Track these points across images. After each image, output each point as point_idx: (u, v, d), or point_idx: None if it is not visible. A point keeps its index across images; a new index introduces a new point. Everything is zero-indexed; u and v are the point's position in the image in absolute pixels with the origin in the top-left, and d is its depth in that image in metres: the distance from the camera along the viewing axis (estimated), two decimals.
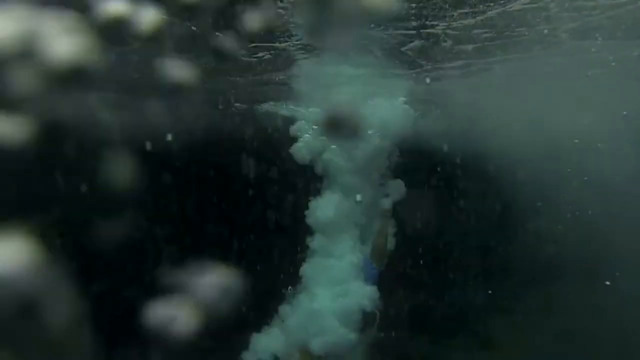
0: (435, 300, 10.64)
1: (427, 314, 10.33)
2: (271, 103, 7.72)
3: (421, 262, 10.02)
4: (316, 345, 4.42)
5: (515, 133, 7.95)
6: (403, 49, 4.78)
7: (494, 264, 12.29)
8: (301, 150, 5.33)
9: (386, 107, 6.38)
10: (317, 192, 5.29)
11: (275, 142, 6.55)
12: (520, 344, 9.51)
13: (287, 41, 4.30)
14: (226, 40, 3.16)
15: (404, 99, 7.08)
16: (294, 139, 5.56)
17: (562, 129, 7.90)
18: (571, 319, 9.42)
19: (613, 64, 5.69)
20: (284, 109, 7.55)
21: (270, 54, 4.51)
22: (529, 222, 10.62)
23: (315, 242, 5.03)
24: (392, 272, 5.86)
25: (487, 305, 11.30)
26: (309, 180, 5.61)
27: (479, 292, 11.69)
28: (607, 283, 8.46)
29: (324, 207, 4.92)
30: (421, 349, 9.50)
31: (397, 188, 5.80)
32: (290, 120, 6.31)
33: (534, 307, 10.87)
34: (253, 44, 4.32)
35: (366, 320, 4.71)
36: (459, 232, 11.43)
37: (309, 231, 5.17)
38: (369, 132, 5.53)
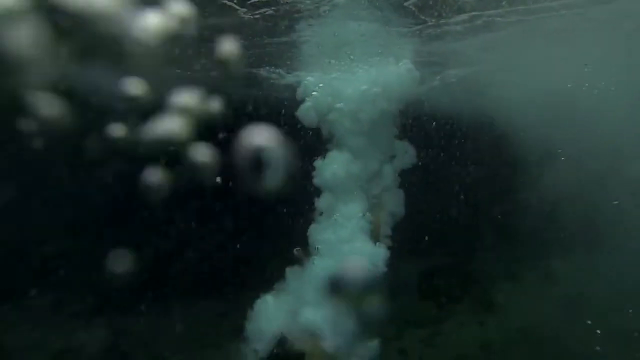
0: (442, 267, 10.70)
1: (434, 280, 10.41)
2: (272, 68, 7.61)
3: (429, 229, 10.07)
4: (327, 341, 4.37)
5: (524, 92, 7.79)
6: (406, 3, 4.64)
7: (503, 231, 12.30)
8: (308, 111, 5.27)
9: (391, 70, 6.30)
10: (324, 154, 5.26)
11: (280, 106, 6.51)
12: (524, 310, 9.58)
13: None
14: None
15: (408, 60, 7.00)
16: (301, 102, 5.51)
17: (573, 90, 7.71)
18: (575, 287, 9.42)
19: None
20: (287, 74, 7.45)
21: (273, 10, 4.39)
22: (539, 190, 10.52)
23: (322, 201, 5.02)
24: (401, 240, 5.89)
25: (494, 273, 11.37)
26: (315, 142, 5.57)
27: (486, 260, 11.76)
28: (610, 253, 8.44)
29: (330, 166, 4.88)
30: (428, 313, 9.60)
31: (406, 151, 5.77)
32: (295, 84, 6.24)
33: (541, 274, 10.93)
34: None
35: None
36: (467, 199, 11.41)
37: (317, 192, 5.17)
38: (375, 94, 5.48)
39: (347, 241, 4.69)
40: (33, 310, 9.68)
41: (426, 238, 10.25)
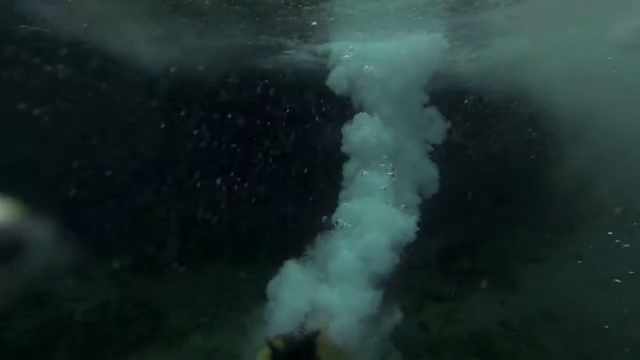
0: (465, 245, 10.58)
1: (456, 257, 10.32)
2: (303, 38, 7.52)
3: (453, 205, 9.92)
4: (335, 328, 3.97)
5: (559, 64, 7.42)
6: None
7: (529, 211, 12.02)
8: (339, 76, 5.21)
9: (420, 40, 6.17)
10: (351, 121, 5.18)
11: (309, 76, 6.47)
12: (547, 290, 9.41)
13: None
14: None
15: (440, 34, 6.81)
16: (331, 68, 5.46)
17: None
18: (601, 269, 9.13)
19: None
20: (317, 44, 7.37)
21: None
22: (568, 169, 10.14)
23: (349, 169, 4.98)
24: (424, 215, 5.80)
25: (517, 252, 11.18)
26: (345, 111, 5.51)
27: (510, 239, 11.57)
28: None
29: (359, 131, 4.83)
30: (449, 289, 9.57)
31: (434, 121, 5.65)
32: (326, 54, 6.17)
33: (565, 256, 10.66)
34: None
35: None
36: (494, 176, 11.16)
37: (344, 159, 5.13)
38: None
39: (375, 211, 4.61)
40: (76, 263, 10.27)
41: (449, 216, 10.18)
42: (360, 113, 5.18)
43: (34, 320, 7.83)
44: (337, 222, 4.74)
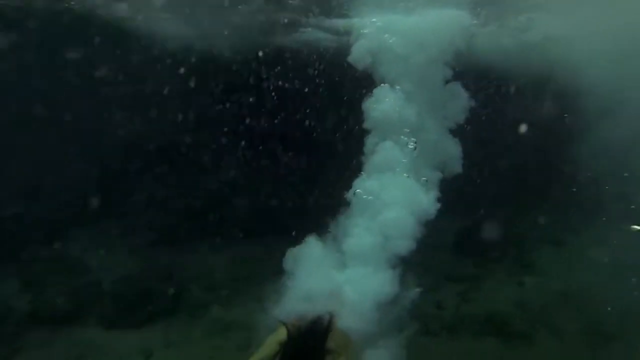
0: (483, 226, 10.38)
1: (475, 238, 10.16)
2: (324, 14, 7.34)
3: (473, 185, 9.73)
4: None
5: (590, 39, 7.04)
6: None
7: (550, 194, 11.73)
8: (361, 50, 5.05)
9: (444, 15, 5.92)
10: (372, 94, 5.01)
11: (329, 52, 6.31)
12: (567, 274, 9.21)
13: None
14: None
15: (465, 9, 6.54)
16: (353, 43, 5.29)
17: None
18: (624, 255, 8.85)
19: None
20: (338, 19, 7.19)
21: None
22: (593, 151, 9.76)
23: (370, 145, 4.84)
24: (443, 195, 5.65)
25: (537, 235, 10.95)
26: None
27: (530, 222, 11.32)
28: None
29: (381, 105, 4.67)
30: (466, 269, 9.48)
31: (457, 95, 5.45)
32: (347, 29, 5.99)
33: (587, 240, 10.39)
34: None
35: None
36: (515, 159, 10.89)
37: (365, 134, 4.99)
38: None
39: (396, 185, 4.45)
40: (105, 237, 10.64)
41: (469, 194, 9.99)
42: (382, 85, 4.97)
43: (68, 287, 8.21)
44: (355, 193, 4.59)
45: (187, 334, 7.31)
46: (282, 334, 3.10)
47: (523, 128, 10.75)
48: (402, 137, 4.69)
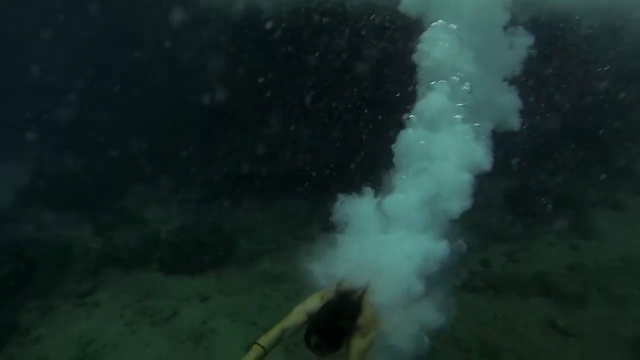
0: (536, 186, 9.76)
1: (525, 199, 9.59)
2: None
3: (527, 144, 9.07)
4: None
5: None
6: None
7: (609, 155, 10.74)
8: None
9: None
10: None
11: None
12: (624, 239, 8.54)
13: None
14: None
15: None
16: None
17: None
18: None
19: None
20: None
21: None
22: None
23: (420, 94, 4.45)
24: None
25: (594, 198, 10.17)
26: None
27: (586, 184, 10.51)
28: None
29: (431, 45, 4.25)
30: (515, 230, 9.03)
31: (516, 47, 4.89)
32: None
33: None
34: None
35: None
36: (576, 117, 9.95)
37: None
38: None
39: (449, 137, 4.03)
40: (160, 191, 11.24)
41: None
42: (434, 24, 4.47)
43: (132, 235, 8.83)
44: (409, 118, 4.14)
45: (238, 283, 7.65)
46: (310, 304, 2.93)
47: (587, 83, 9.73)
48: (455, 77, 4.17)
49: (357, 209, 3.60)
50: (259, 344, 2.65)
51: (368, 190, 3.70)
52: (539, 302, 6.67)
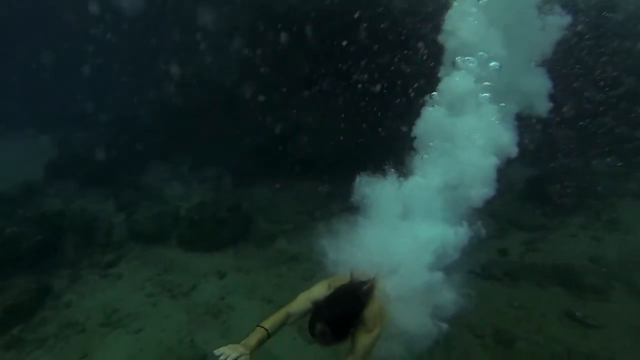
0: (558, 174, 9.39)
1: (547, 187, 9.26)
2: None
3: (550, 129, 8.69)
4: None
5: None
6: None
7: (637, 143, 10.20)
8: None
9: None
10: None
11: None
12: None
13: None
14: None
15: None
16: None
17: None
18: None
19: None
20: None
21: None
22: None
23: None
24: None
25: (623, 189, 9.73)
26: None
27: (613, 174, 10.06)
28: None
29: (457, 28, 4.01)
30: (535, 219, 8.78)
31: (548, 26, 4.58)
32: None
33: None
34: None
35: None
36: (604, 101, 9.43)
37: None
38: None
39: (474, 119, 3.76)
40: (179, 170, 11.39)
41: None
42: None
43: (152, 211, 9.00)
44: (433, 95, 3.91)
45: (255, 262, 7.73)
46: (317, 292, 2.83)
47: (618, 68, 9.19)
48: (482, 53, 3.86)
49: (377, 190, 3.43)
50: (262, 327, 2.58)
51: (389, 171, 3.51)
52: (557, 293, 6.51)
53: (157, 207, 9.30)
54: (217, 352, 2.24)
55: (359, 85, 9.08)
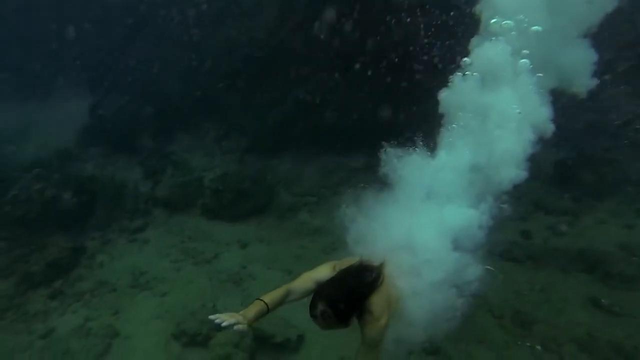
0: (588, 159, 8.89)
1: (576, 172, 8.81)
2: None
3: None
4: None
5: None
6: None
7: None
8: None
9: None
10: None
11: None
12: None
13: None
14: None
15: None
16: None
17: None
18: None
19: None
20: None
21: None
22: None
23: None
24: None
25: None
26: None
27: None
28: None
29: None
30: (562, 203, 8.41)
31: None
32: None
33: None
34: None
35: None
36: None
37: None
38: None
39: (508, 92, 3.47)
40: (204, 140, 11.44)
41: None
42: None
43: (177, 180, 9.14)
44: (463, 62, 3.60)
45: (276, 233, 7.79)
46: (321, 272, 2.69)
47: None
48: (522, 16, 3.49)
49: (404, 165, 3.27)
50: (262, 300, 2.51)
51: (417, 145, 3.34)
52: (582, 279, 6.27)
53: (182, 176, 9.45)
54: (212, 317, 2.20)
55: (388, 59, 8.73)
